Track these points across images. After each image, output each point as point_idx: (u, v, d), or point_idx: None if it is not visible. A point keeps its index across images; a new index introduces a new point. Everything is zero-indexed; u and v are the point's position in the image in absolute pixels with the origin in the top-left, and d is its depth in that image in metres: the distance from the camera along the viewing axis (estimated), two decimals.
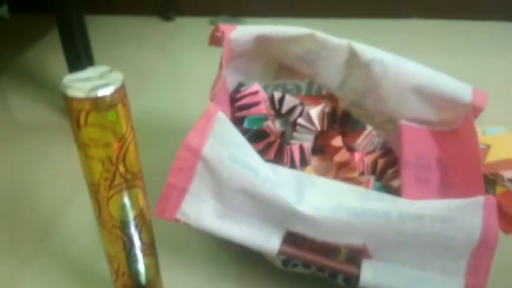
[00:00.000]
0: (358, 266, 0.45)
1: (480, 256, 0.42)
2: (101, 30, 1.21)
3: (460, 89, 0.55)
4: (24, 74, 1.01)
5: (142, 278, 0.46)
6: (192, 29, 1.22)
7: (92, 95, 0.34)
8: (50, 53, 1.07)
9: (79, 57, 0.77)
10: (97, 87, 0.34)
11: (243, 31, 0.57)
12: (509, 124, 0.76)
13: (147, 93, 0.92)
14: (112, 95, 0.34)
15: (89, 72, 0.37)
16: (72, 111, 0.35)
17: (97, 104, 0.34)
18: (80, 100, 0.34)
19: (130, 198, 0.40)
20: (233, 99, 0.60)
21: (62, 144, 0.76)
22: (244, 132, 0.54)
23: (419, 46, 1.07)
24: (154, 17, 1.28)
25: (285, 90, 0.66)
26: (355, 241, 0.44)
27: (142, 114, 0.88)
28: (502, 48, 1.08)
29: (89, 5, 0.83)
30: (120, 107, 0.35)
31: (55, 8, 0.75)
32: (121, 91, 0.35)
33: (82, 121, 0.35)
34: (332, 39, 0.57)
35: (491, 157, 0.68)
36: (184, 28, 1.24)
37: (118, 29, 1.23)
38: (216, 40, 0.59)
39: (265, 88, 0.66)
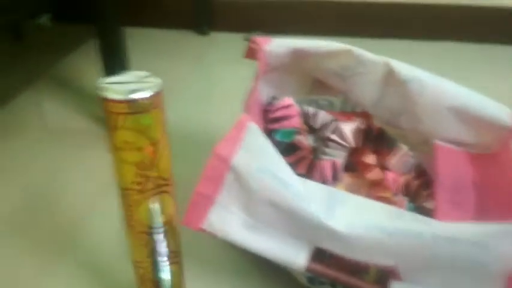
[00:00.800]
0: None
1: None
2: (138, 41, 1.23)
3: (500, 111, 0.54)
4: (61, 81, 1.04)
5: (167, 286, 0.45)
6: (226, 44, 1.23)
7: (130, 97, 0.34)
8: (87, 62, 1.09)
9: (116, 67, 0.78)
10: (135, 91, 0.34)
11: (279, 44, 0.57)
12: None
13: (179, 105, 0.93)
14: (150, 98, 0.35)
15: (128, 76, 0.37)
16: (109, 113, 0.35)
17: (134, 106, 0.34)
18: (117, 102, 0.34)
19: (161, 204, 0.40)
20: (266, 112, 0.60)
21: (94, 150, 0.77)
22: (276, 145, 0.53)
23: (457, 69, 1.05)
24: (190, 31, 1.31)
25: (318, 106, 0.66)
26: (386, 261, 0.43)
27: (173, 125, 0.89)
28: None
29: (127, 17, 0.85)
30: (156, 111, 0.36)
31: (95, 19, 0.77)
32: (158, 96, 0.35)
33: (118, 123, 0.35)
34: (369, 55, 0.57)
35: None
36: (217, 43, 1.25)
37: (154, 41, 1.26)
38: (251, 53, 0.59)
39: (298, 103, 0.66)
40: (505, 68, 1.09)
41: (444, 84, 0.55)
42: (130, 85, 0.35)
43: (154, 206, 0.40)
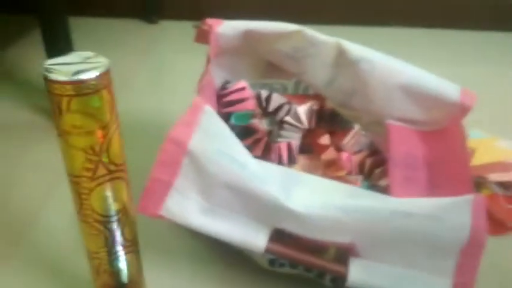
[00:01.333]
0: (346, 265, 0.44)
1: (468, 255, 0.42)
2: (85, 32, 1.20)
3: (448, 88, 0.55)
4: (5, 74, 0.99)
5: (124, 276, 0.44)
6: (176, 32, 1.21)
7: (75, 78, 0.32)
8: (32, 54, 1.05)
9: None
10: (81, 71, 0.33)
11: (231, 25, 0.56)
12: (491, 129, 0.77)
13: (130, 95, 0.91)
14: (96, 79, 0.33)
15: (73, 57, 0.35)
16: (54, 96, 0.33)
17: (80, 88, 0.33)
18: (62, 84, 0.33)
19: (114, 191, 0.39)
20: (219, 96, 0.59)
21: (40, 143, 0.74)
22: (231, 128, 0.53)
23: (404, 55, 1.08)
24: (138, 20, 1.28)
25: (272, 90, 0.66)
26: (344, 239, 0.43)
27: (124, 115, 0.86)
28: (485, 56, 1.10)
29: (72, 7, 0.82)
30: (104, 92, 0.34)
31: (38, 9, 0.74)
32: (106, 76, 0.34)
33: (64, 107, 0.33)
34: (320, 36, 0.57)
35: (476, 160, 0.69)
36: (167, 31, 1.23)
37: (102, 31, 1.22)
38: (202, 37, 0.58)
39: (251, 87, 0.65)
40: (449, 52, 1.13)
41: (393, 64, 0.56)
42: (75, 66, 0.34)
43: (107, 193, 0.38)
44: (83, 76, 0.33)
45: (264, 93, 0.63)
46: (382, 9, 1.22)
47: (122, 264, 0.43)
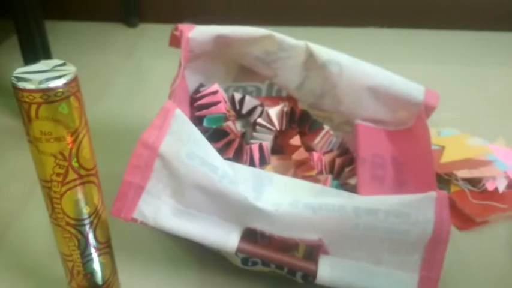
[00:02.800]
0: (316, 263, 0.45)
1: (433, 250, 0.43)
2: (63, 36, 1.20)
3: (413, 89, 0.57)
4: None
5: (98, 278, 0.45)
6: (156, 35, 1.21)
7: (43, 86, 0.33)
8: (9, 59, 1.05)
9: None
10: (49, 79, 0.34)
11: (202, 31, 0.57)
12: (463, 127, 0.79)
13: (109, 99, 0.91)
14: (64, 86, 0.34)
15: (42, 65, 0.36)
16: (23, 104, 0.34)
17: (48, 95, 0.34)
18: (30, 92, 0.34)
19: (85, 195, 0.40)
20: (193, 100, 0.60)
21: (17, 149, 0.74)
22: (204, 131, 0.54)
23: (377, 54, 1.10)
24: (118, 24, 1.28)
25: (246, 92, 0.67)
26: (312, 236, 0.44)
27: (103, 119, 0.87)
28: (458, 56, 1.13)
29: (50, 11, 0.82)
30: (72, 99, 0.35)
31: (13, 13, 0.74)
32: (73, 83, 0.35)
33: (33, 114, 0.34)
34: (290, 40, 0.58)
35: (446, 158, 0.71)
36: (147, 35, 1.23)
37: (81, 36, 1.22)
38: (176, 41, 0.59)
39: (226, 90, 0.66)
40: (422, 51, 1.15)
41: (360, 66, 0.58)
42: (43, 74, 0.35)
43: (78, 197, 0.39)
44: (51, 84, 0.34)
45: (237, 96, 0.64)
46: (361, 10, 1.24)
47: (96, 266, 0.44)
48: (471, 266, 0.56)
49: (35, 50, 0.77)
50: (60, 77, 0.34)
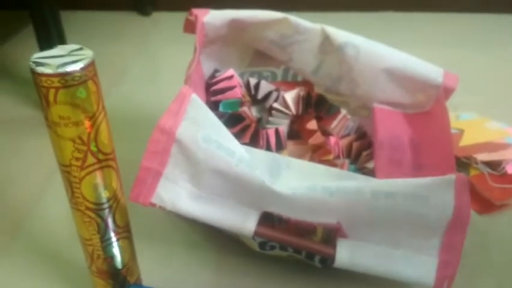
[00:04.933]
0: (334, 246, 0.45)
1: (453, 234, 0.42)
2: (78, 25, 1.20)
3: (431, 71, 0.56)
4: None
5: (118, 262, 0.46)
6: (169, 24, 1.21)
7: (61, 70, 0.34)
8: (27, 49, 1.06)
9: None
10: (66, 64, 0.34)
11: (217, 15, 0.57)
12: (481, 111, 0.78)
13: (124, 87, 0.91)
14: (81, 70, 0.34)
15: (59, 50, 0.36)
16: (41, 89, 0.35)
17: (66, 80, 0.34)
18: (48, 76, 0.34)
19: (104, 179, 0.40)
20: (208, 85, 0.60)
21: (36, 138, 0.75)
22: (220, 116, 0.54)
23: (394, 39, 1.08)
24: (132, 12, 1.28)
25: (261, 77, 0.67)
26: (330, 219, 0.44)
27: (118, 107, 0.88)
28: (475, 39, 1.11)
29: (65, 0, 0.83)
30: (90, 83, 0.35)
31: (29, 4, 0.75)
32: (91, 67, 0.35)
33: (51, 98, 0.35)
34: (305, 23, 0.58)
35: (465, 141, 0.70)
36: (161, 23, 1.24)
37: (95, 25, 1.22)
38: (190, 27, 0.59)
39: (241, 75, 0.66)
40: (439, 35, 1.13)
41: (378, 48, 0.57)
42: (61, 59, 0.35)
43: (97, 181, 0.40)
44: (68, 68, 0.34)
45: (252, 81, 0.64)
46: None
47: (115, 250, 0.45)
48: (491, 251, 0.55)
49: (50, 40, 0.78)
50: (77, 61, 0.34)
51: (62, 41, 0.79)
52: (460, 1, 1.21)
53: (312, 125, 0.59)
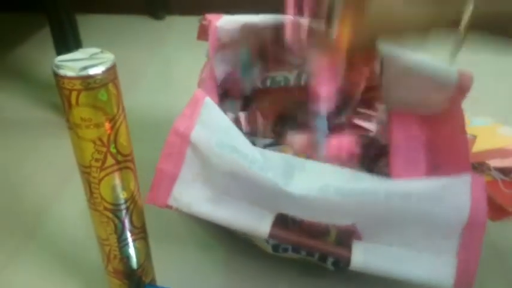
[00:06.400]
0: (349, 248, 0.45)
1: (471, 233, 0.42)
2: (92, 29, 1.22)
3: (447, 71, 0.56)
4: (15, 72, 1.02)
5: (134, 262, 0.46)
6: (182, 27, 1.23)
7: (83, 73, 0.34)
8: (41, 52, 1.07)
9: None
10: (88, 67, 0.35)
11: (230, 19, 0.58)
12: (494, 116, 0.78)
13: (138, 91, 0.92)
14: (103, 73, 0.35)
15: (80, 53, 0.37)
16: (63, 91, 0.35)
17: (88, 82, 0.35)
18: (70, 79, 0.35)
19: (122, 181, 0.41)
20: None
21: (52, 139, 0.76)
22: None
23: None
24: (145, 16, 1.29)
25: (274, 82, 0.67)
26: (344, 221, 0.44)
27: (132, 111, 0.88)
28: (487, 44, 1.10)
29: (80, 4, 0.84)
30: (111, 86, 0.36)
31: (46, 7, 0.76)
32: (112, 71, 0.36)
33: (73, 100, 0.35)
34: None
35: (478, 147, 0.70)
36: (174, 27, 1.25)
37: (109, 28, 1.24)
38: (204, 34, 0.60)
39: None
40: None
41: (391, 50, 0.57)
42: (83, 62, 0.35)
43: (116, 182, 0.40)
44: (91, 71, 0.35)
45: None
46: None
47: (131, 250, 0.45)
48: (504, 257, 0.55)
49: (66, 42, 0.79)
50: (98, 64, 0.35)
51: (77, 43, 0.80)
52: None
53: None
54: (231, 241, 0.56)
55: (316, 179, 0.46)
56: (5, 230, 0.60)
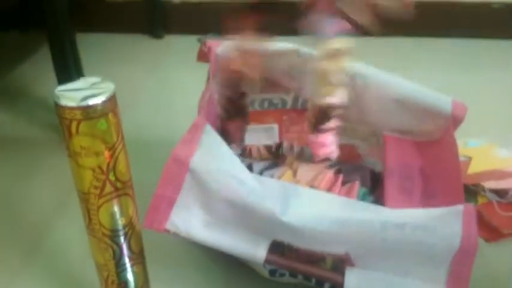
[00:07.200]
0: (343, 274, 0.46)
1: (460, 263, 0.43)
2: (91, 48, 1.22)
3: (440, 100, 0.57)
4: (14, 90, 1.02)
5: (132, 287, 0.46)
6: (181, 46, 1.23)
7: (83, 103, 0.35)
8: (40, 70, 1.08)
9: (69, 74, 0.77)
10: (88, 97, 0.36)
11: (229, 46, 0.59)
12: (489, 137, 0.78)
13: (137, 109, 0.93)
14: (103, 104, 0.36)
15: (81, 83, 0.38)
16: (64, 120, 0.36)
17: (88, 112, 0.35)
18: (71, 109, 0.35)
19: (120, 207, 0.41)
20: None
21: (51, 158, 0.76)
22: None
23: (400, 62, 1.09)
24: (144, 35, 1.30)
25: (271, 104, 0.68)
26: (339, 250, 0.45)
27: (131, 130, 0.88)
28: (480, 64, 1.12)
29: (79, 23, 0.85)
30: (110, 116, 0.37)
31: (46, 26, 0.77)
32: (112, 100, 0.37)
33: (73, 130, 0.36)
34: (314, 54, 0.59)
35: (473, 169, 0.70)
36: (173, 46, 1.25)
37: (108, 47, 1.24)
38: (203, 56, 0.61)
39: (251, 102, 0.67)
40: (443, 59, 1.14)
41: (387, 78, 0.58)
42: (83, 91, 0.36)
43: (114, 209, 0.41)
44: (90, 102, 0.35)
45: None
46: (385, 20, 1.24)
47: (130, 275, 0.45)
48: (499, 278, 0.55)
49: (65, 62, 0.79)
50: (98, 94, 0.36)
51: (77, 64, 0.81)
52: (470, 26, 1.22)
53: None
54: (230, 264, 0.56)
55: (311, 207, 0.46)
56: (1, 252, 0.60)
